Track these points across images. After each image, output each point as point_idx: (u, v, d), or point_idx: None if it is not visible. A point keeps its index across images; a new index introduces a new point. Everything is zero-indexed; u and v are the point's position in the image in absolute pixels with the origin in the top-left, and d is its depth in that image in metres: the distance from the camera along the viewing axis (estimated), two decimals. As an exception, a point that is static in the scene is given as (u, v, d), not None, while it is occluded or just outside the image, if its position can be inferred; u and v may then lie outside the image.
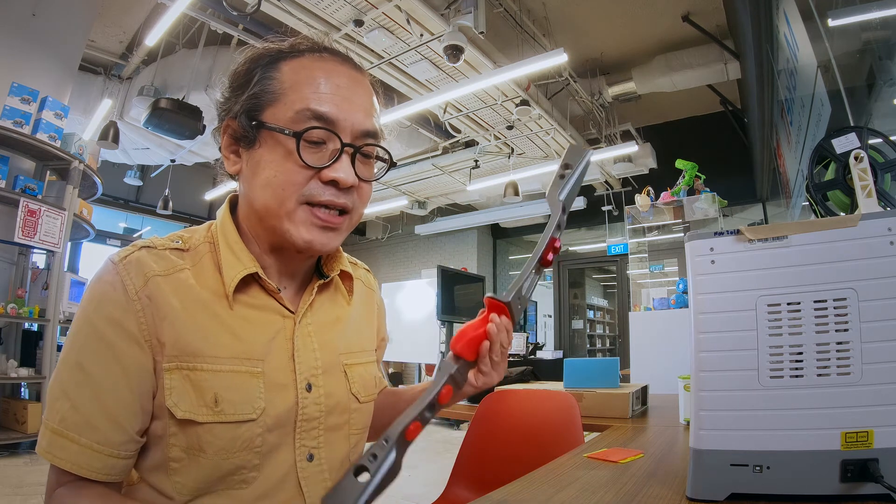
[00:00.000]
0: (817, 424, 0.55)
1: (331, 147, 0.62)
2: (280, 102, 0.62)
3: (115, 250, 0.64)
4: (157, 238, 0.66)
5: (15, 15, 3.81)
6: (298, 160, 0.60)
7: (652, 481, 0.69)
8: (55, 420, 0.56)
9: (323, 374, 0.67)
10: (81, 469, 0.56)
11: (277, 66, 0.64)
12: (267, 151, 0.62)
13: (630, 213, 4.21)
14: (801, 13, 2.79)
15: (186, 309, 0.61)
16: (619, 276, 7.81)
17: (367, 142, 0.65)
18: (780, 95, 3.96)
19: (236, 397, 0.59)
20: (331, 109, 0.61)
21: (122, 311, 0.58)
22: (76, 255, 7.16)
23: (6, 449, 3.41)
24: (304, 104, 0.61)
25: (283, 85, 0.63)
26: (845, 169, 1.06)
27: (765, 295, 0.58)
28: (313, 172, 0.61)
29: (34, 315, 3.59)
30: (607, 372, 1.54)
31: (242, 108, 0.63)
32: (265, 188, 0.62)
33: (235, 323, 0.63)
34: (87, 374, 0.57)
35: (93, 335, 0.58)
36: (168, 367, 0.58)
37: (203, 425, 0.58)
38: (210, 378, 0.59)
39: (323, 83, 0.62)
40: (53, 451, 0.56)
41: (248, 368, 0.61)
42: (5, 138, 3.48)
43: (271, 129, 0.61)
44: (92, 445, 0.56)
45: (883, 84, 2.89)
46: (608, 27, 5.32)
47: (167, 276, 0.61)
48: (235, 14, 3.89)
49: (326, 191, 0.62)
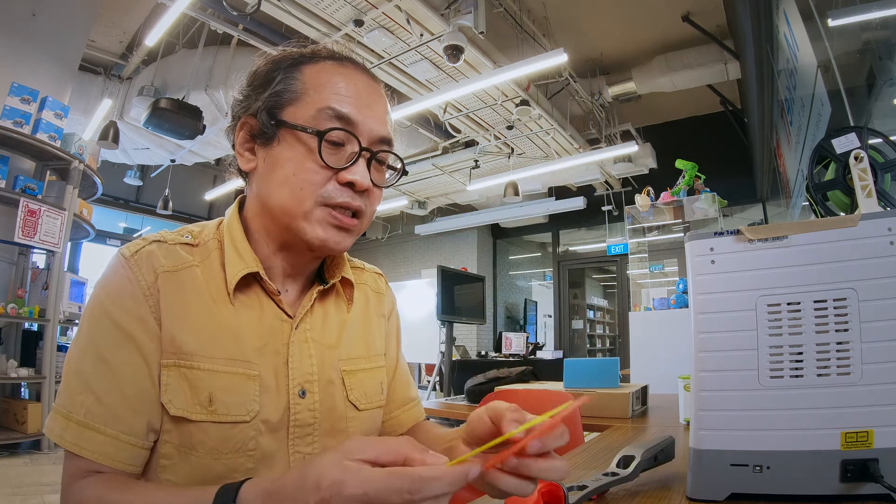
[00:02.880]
0: (817, 424, 0.55)
1: (349, 150, 0.63)
2: (301, 102, 0.63)
3: (115, 250, 0.64)
4: (167, 232, 0.67)
5: (15, 15, 3.81)
6: (319, 160, 0.61)
7: (652, 481, 0.69)
8: (80, 413, 0.57)
9: (318, 380, 0.66)
10: (107, 459, 0.56)
11: (299, 68, 0.66)
12: (286, 149, 0.63)
13: (630, 213, 4.21)
14: (801, 13, 2.79)
15: (190, 306, 0.61)
16: (619, 276, 7.81)
17: (383, 148, 0.66)
18: (780, 95, 3.96)
19: (231, 398, 0.60)
20: (351, 111, 0.63)
21: (139, 304, 0.60)
22: (76, 255, 7.17)
23: (6, 449, 3.40)
24: (326, 103, 0.62)
25: (305, 85, 0.64)
26: (845, 169, 1.06)
27: (765, 295, 0.58)
28: (332, 173, 0.62)
29: (34, 315, 3.59)
30: (607, 372, 1.54)
31: (264, 105, 0.64)
32: (282, 186, 0.62)
33: (236, 323, 0.63)
34: (110, 365, 0.58)
35: (112, 327, 0.59)
36: (166, 364, 0.59)
37: (196, 424, 0.58)
38: (206, 377, 0.59)
39: (344, 86, 0.64)
40: (80, 443, 0.56)
41: (244, 370, 0.61)
42: (5, 138, 3.48)
43: (293, 127, 0.62)
44: (119, 436, 0.57)
45: (883, 84, 2.89)
46: (608, 27, 5.32)
47: (175, 273, 0.62)
48: (235, 14, 3.89)
49: (344, 192, 0.62)
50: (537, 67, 4.17)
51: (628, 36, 5.42)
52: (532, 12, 4.92)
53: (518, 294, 9.61)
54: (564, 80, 5.32)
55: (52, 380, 3.60)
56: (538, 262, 9.98)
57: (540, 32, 4.94)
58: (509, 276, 9.58)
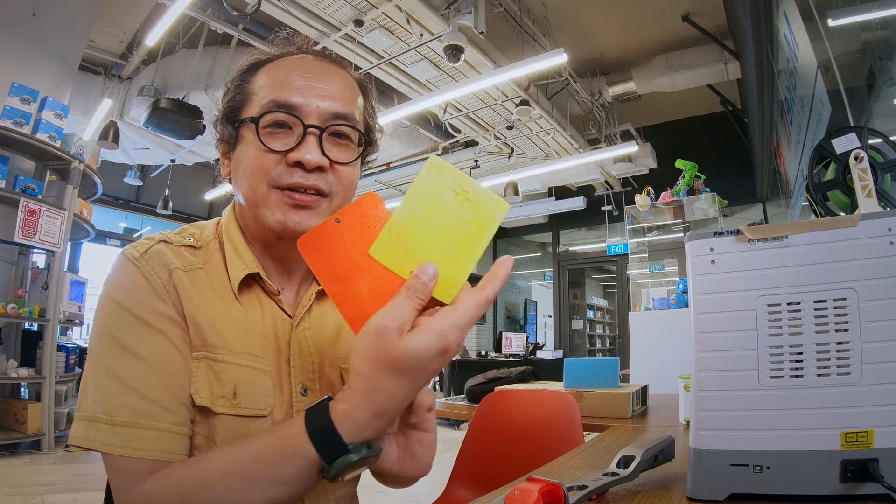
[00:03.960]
0: (817, 424, 0.55)
1: (297, 132, 0.63)
2: (251, 102, 0.66)
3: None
4: (170, 233, 0.68)
5: (15, 15, 3.82)
6: (261, 145, 0.62)
7: (652, 481, 0.69)
8: (125, 414, 0.55)
9: (319, 378, 0.67)
10: (166, 454, 0.55)
11: (255, 72, 0.68)
12: (243, 147, 0.66)
13: (630, 213, 4.22)
14: (801, 13, 2.79)
15: (205, 302, 0.62)
16: (619, 276, 7.81)
17: (336, 122, 0.65)
18: (780, 95, 3.96)
19: (252, 391, 0.61)
20: (292, 97, 0.63)
21: (160, 300, 0.60)
22: (76, 255, 7.16)
23: (6, 449, 3.41)
24: (268, 97, 0.64)
25: (255, 86, 0.67)
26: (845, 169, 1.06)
27: (765, 295, 0.58)
28: (280, 157, 0.63)
29: (34, 315, 3.59)
30: (607, 372, 1.54)
31: (223, 112, 0.68)
32: (242, 179, 0.65)
33: (245, 320, 0.64)
34: (145, 360, 0.57)
35: (136, 322, 0.58)
36: (196, 357, 0.60)
37: (218, 416, 0.59)
38: (230, 370, 0.60)
39: (288, 76, 0.65)
40: (132, 445, 0.54)
41: (260, 365, 0.63)
42: (5, 138, 3.48)
43: (242, 122, 0.65)
44: (171, 428, 0.56)
45: (883, 84, 2.89)
46: (608, 27, 5.32)
47: (188, 272, 0.63)
48: (235, 14, 3.89)
49: (294, 173, 0.63)
50: (537, 67, 4.17)
51: (628, 36, 5.42)
52: (532, 12, 4.92)
53: (518, 294, 9.62)
54: (564, 80, 5.32)
55: (52, 380, 3.60)
56: (538, 262, 9.98)
57: (540, 32, 4.94)
58: (509, 276, 9.57)
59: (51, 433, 3.55)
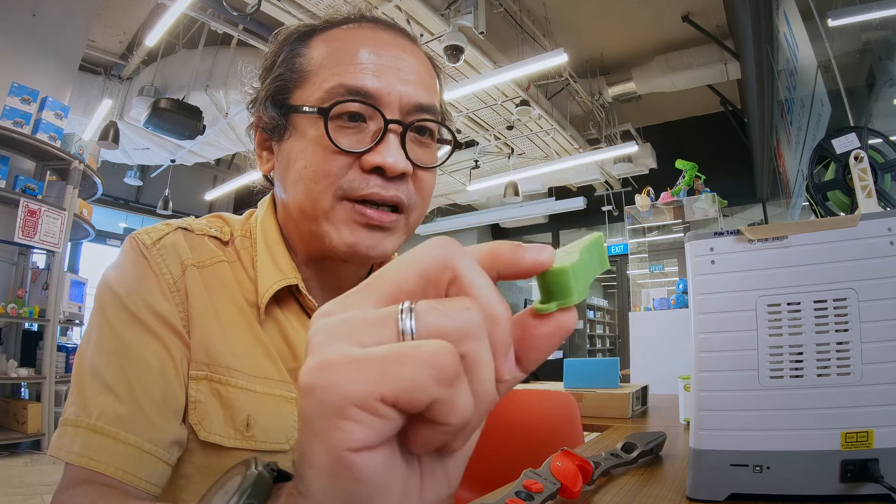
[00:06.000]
0: (817, 424, 0.55)
1: (373, 127, 0.50)
2: (308, 82, 0.52)
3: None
4: (193, 220, 0.56)
5: (15, 15, 3.82)
6: (330, 144, 0.49)
7: (652, 481, 0.69)
8: (93, 415, 0.45)
9: None
10: (127, 475, 0.44)
11: (307, 42, 0.54)
12: (297, 140, 0.52)
13: (630, 213, 4.22)
14: (801, 13, 2.80)
15: (220, 311, 0.52)
16: (619, 276, 7.81)
17: (422, 117, 0.52)
18: (780, 95, 3.96)
19: (270, 423, 0.51)
20: (369, 81, 0.50)
21: (164, 300, 0.50)
22: (76, 256, 7.17)
23: (6, 449, 3.41)
24: (337, 80, 0.50)
25: (312, 62, 0.52)
26: (845, 169, 1.06)
27: (765, 295, 0.58)
28: (352, 159, 0.50)
29: (34, 315, 3.59)
30: (607, 372, 1.54)
31: (267, 92, 0.54)
32: (297, 184, 0.51)
33: (268, 338, 0.54)
34: (135, 364, 0.47)
35: (133, 320, 0.49)
36: (196, 376, 0.50)
37: (227, 451, 0.49)
38: (243, 397, 0.50)
39: (360, 53, 0.51)
40: (90, 454, 0.44)
41: (282, 392, 0.52)
42: (5, 138, 3.48)
43: (295, 109, 0.51)
44: (142, 445, 0.45)
45: (883, 84, 2.89)
46: (608, 27, 5.32)
47: (203, 269, 0.53)
48: (235, 14, 3.89)
49: (371, 181, 0.50)
50: (537, 67, 4.17)
51: (628, 36, 5.42)
52: (532, 12, 4.92)
53: (518, 294, 9.61)
54: (564, 80, 5.32)
55: (52, 380, 3.60)
56: (538, 263, 9.96)
57: (540, 32, 4.95)
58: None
59: (51, 433, 3.54)
